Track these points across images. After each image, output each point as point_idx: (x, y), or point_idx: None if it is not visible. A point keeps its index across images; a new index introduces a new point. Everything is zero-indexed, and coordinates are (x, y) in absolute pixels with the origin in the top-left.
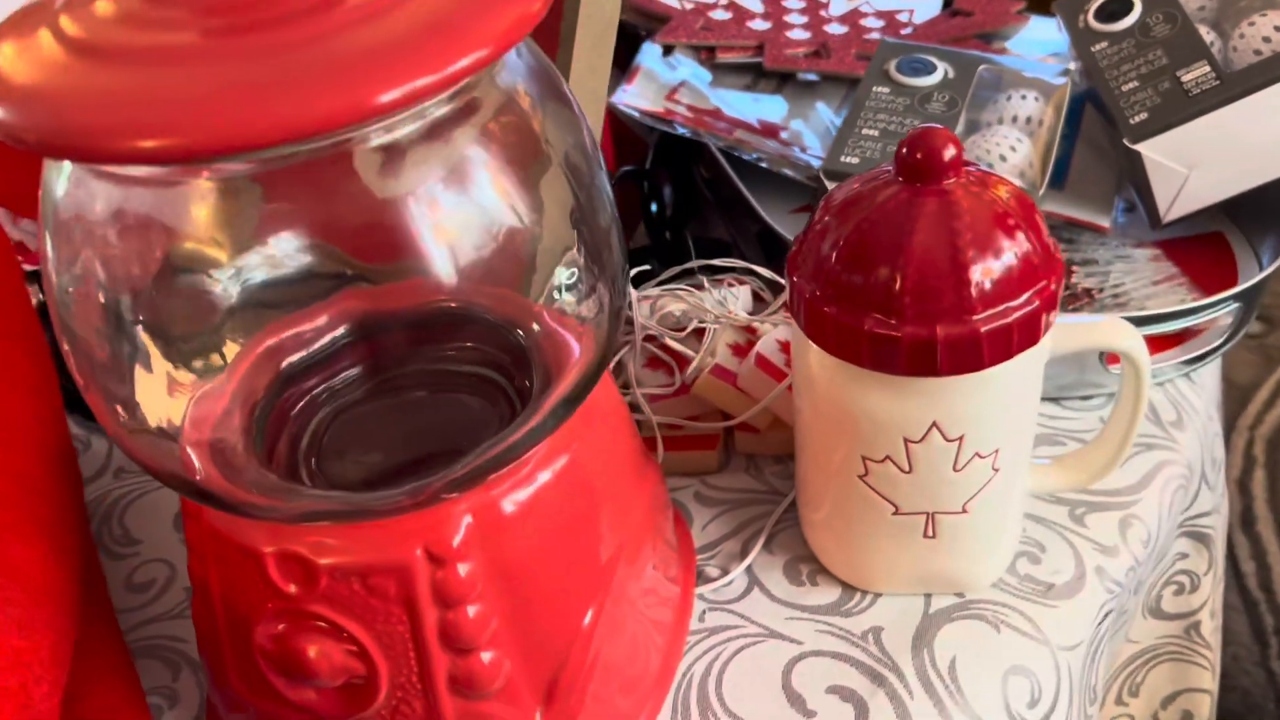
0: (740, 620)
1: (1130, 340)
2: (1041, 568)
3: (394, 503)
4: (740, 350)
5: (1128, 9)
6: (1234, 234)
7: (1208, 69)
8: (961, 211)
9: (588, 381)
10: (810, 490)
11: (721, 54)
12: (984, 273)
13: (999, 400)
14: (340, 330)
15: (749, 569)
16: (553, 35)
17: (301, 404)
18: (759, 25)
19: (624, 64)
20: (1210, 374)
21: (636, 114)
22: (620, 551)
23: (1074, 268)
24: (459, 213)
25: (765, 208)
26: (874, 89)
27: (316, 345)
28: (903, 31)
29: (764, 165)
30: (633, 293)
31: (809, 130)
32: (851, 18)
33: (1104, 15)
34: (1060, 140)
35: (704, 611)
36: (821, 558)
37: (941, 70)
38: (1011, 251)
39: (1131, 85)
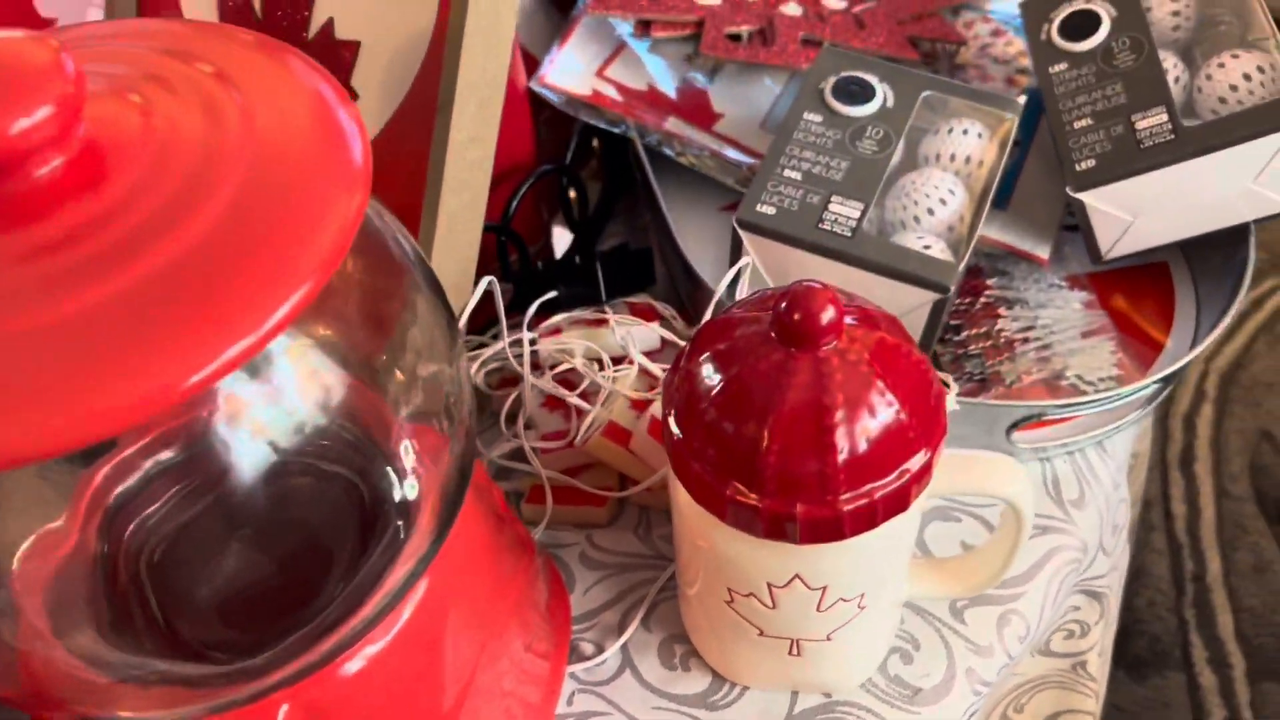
0: (608, 707)
1: (1013, 487)
2: (913, 669)
3: (215, 686)
4: (641, 404)
5: (1095, 26)
6: (1179, 265)
7: (1164, 118)
8: (834, 385)
9: (427, 557)
10: (684, 574)
11: (656, 30)
12: (851, 453)
13: (863, 558)
14: (169, 454)
15: (623, 647)
16: (431, 103)
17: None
18: (709, 2)
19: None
20: (1124, 438)
21: (556, 99)
22: (482, 651)
23: (1001, 311)
24: (274, 407)
25: (694, 201)
26: (805, 116)
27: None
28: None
29: (694, 168)
30: (525, 334)
31: (747, 118)
32: None
33: (1069, 30)
34: (1011, 147)
35: (573, 693)
36: (694, 638)
37: (881, 96)
38: (884, 428)
39: (1084, 123)
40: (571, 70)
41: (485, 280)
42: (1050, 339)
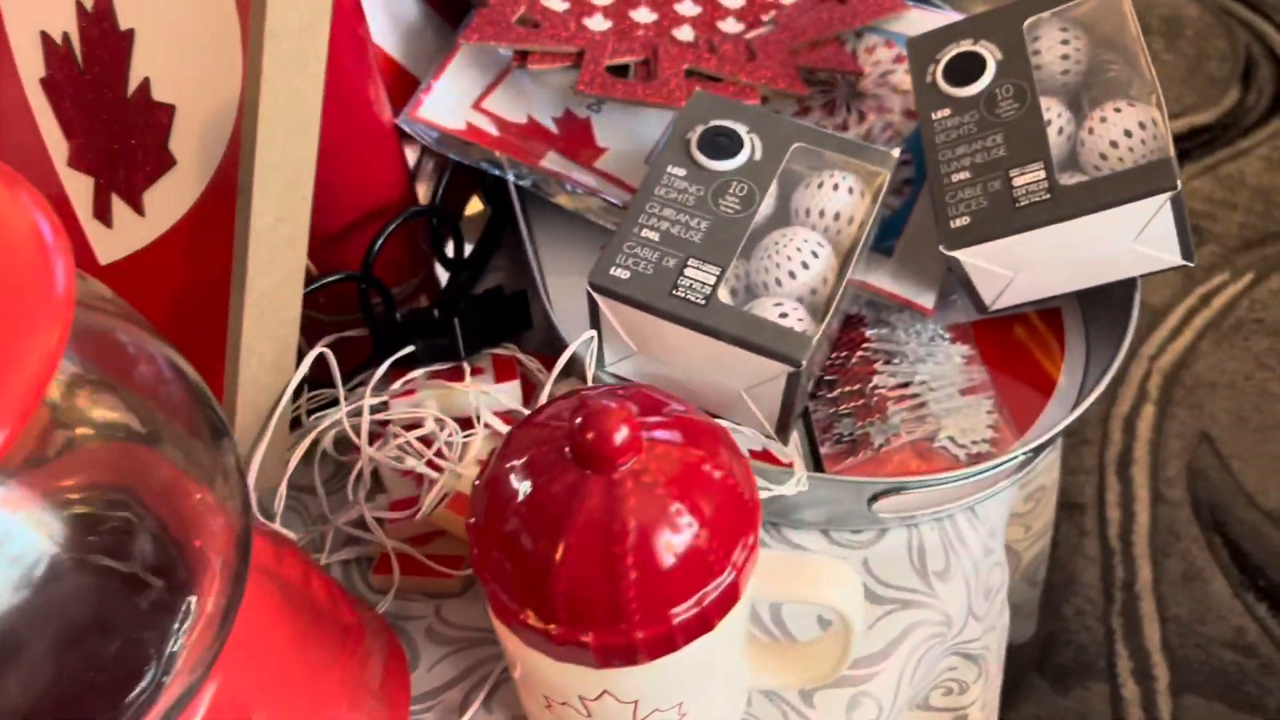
0: None
1: (839, 593)
2: None
3: None
4: None
5: (979, 70)
6: (1071, 310)
7: (1041, 175)
8: (626, 510)
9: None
10: (510, 669)
11: (534, 62)
12: (645, 580)
13: (671, 674)
14: None
15: None
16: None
17: None
18: (597, 21)
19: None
20: (999, 501)
21: (428, 136)
22: None
23: (877, 366)
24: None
25: (576, 240)
26: (668, 169)
27: None
28: (763, 18)
29: (567, 209)
30: (367, 400)
31: (631, 153)
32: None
33: (953, 73)
34: (901, 186)
35: None
36: None
37: (748, 148)
38: (682, 552)
39: (963, 175)
40: (446, 103)
41: (314, 352)
42: (927, 396)
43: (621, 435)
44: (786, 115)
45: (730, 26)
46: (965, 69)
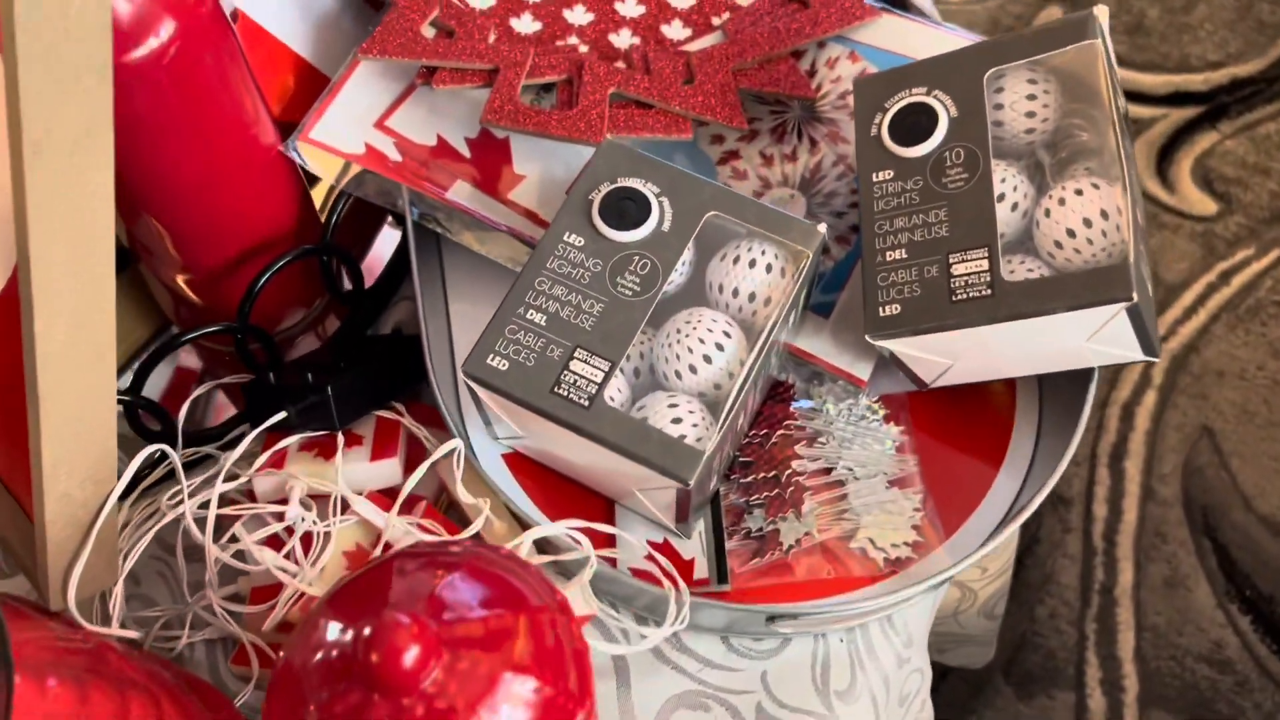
0: None
1: None
2: None
3: None
4: (359, 556)
5: (930, 127)
6: (1025, 383)
7: (984, 265)
8: None
9: None
10: None
11: (440, 82)
12: None
13: None
14: None
15: None
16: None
17: None
18: (525, 22)
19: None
20: (918, 610)
21: (319, 163)
22: None
23: (799, 449)
24: None
25: (482, 279)
26: (564, 237)
27: None
28: (715, 21)
29: (476, 250)
30: (216, 489)
31: (552, 181)
32: None
33: (902, 129)
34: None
35: None
36: None
37: (656, 216)
38: None
39: (898, 255)
40: (345, 121)
41: (136, 461)
42: (850, 486)
43: (411, 655)
44: (714, 155)
45: (675, 32)
46: (914, 124)
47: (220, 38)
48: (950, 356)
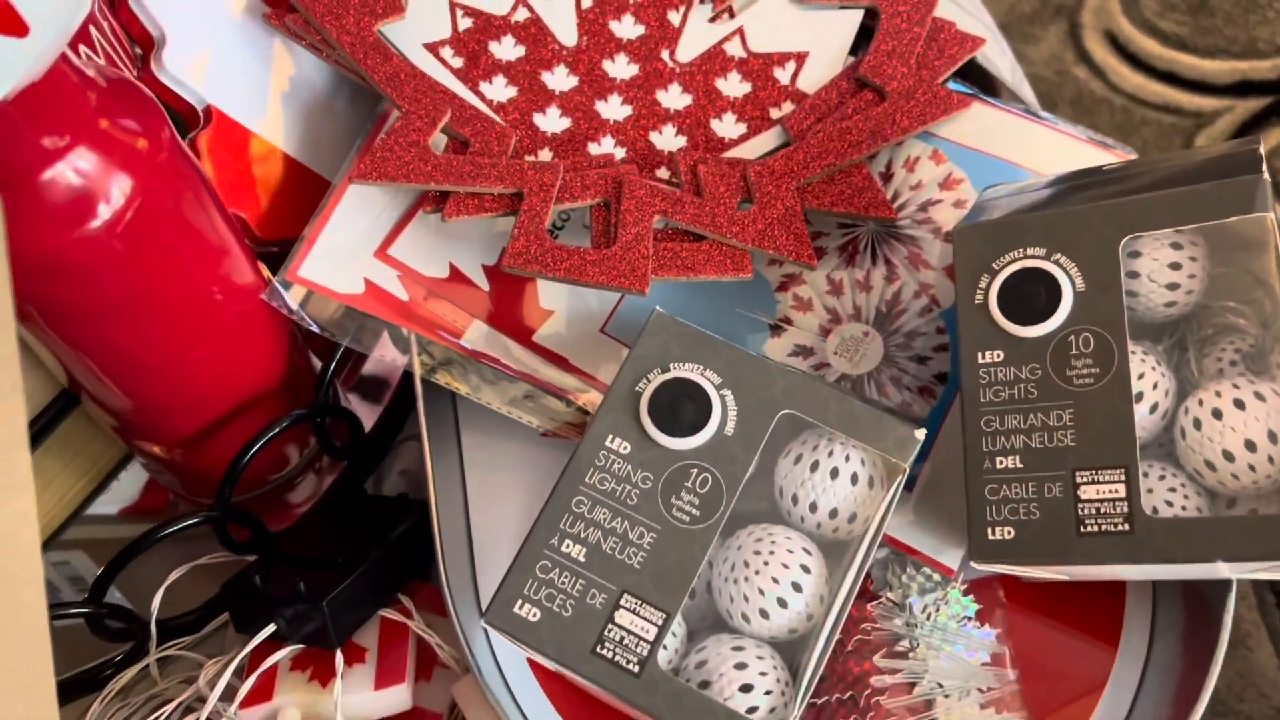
0: None
1: None
2: None
3: None
4: None
5: (1052, 302)
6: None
7: (1120, 492)
8: None
9: None
10: None
11: (451, 212)
12: None
13: None
14: None
15: None
16: None
17: None
18: (551, 119)
19: None
20: None
21: (298, 313)
22: None
23: (875, 661)
24: None
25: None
26: (608, 440)
27: None
28: (773, 113)
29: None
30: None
31: (584, 317)
32: (704, 71)
33: (1015, 301)
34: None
35: None
36: None
37: (718, 414)
38: None
39: (1010, 462)
40: (338, 254)
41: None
42: (939, 708)
43: None
44: (773, 279)
45: (727, 128)
46: (1032, 295)
47: (183, 183)
48: (1066, 574)
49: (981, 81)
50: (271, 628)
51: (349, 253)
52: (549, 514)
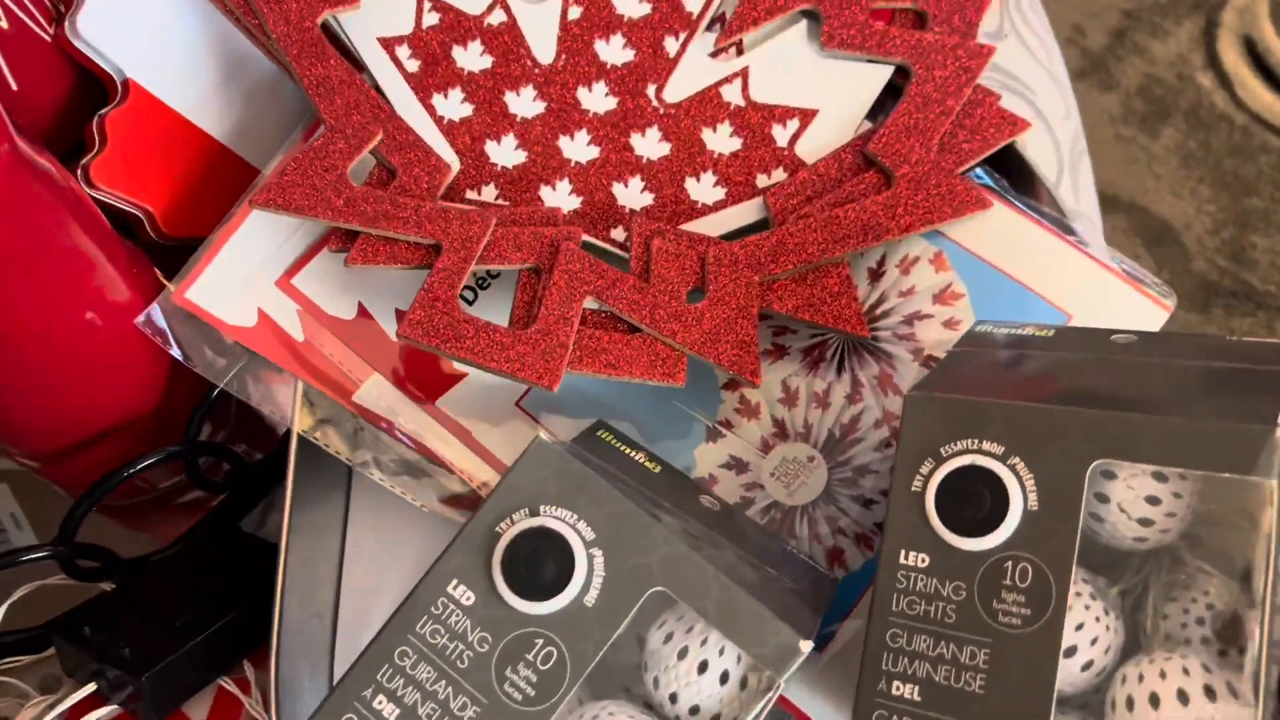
0: None
1: None
2: None
3: None
4: None
5: (997, 514)
6: None
7: None
8: None
9: None
10: None
11: (356, 258)
12: None
13: None
14: None
15: None
16: None
17: None
18: (505, 151)
19: None
20: None
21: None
22: None
23: None
24: None
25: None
26: (450, 586)
27: None
28: (756, 181)
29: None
30: None
31: (488, 388)
32: (692, 116)
33: (955, 501)
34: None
35: None
36: None
37: (581, 578)
38: None
39: (907, 691)
40: (233, 280)
41: None
42: None
43: None
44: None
45: (704, 191)
46: (973, 499)
47: (30, 202)
48: None
49: (1017, 173)
50: (92, 687)
51: (247, 277)
52: (367, 661)
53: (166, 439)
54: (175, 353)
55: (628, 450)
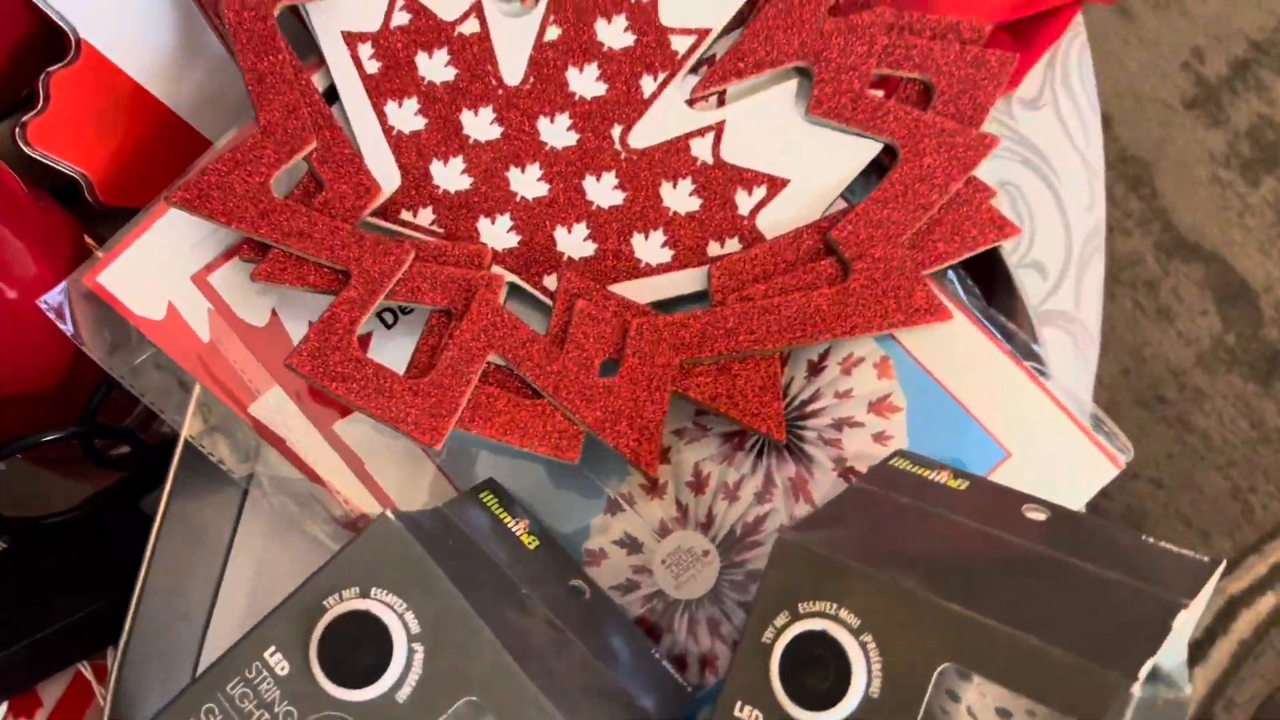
0: None
1: None
2: None
3: None
4: None
5: (838, 691)
6: None
7: None
8: None
9: None
10: None
11: (264, 274)
12: None
13: None
14: None
15: None
16: None
17: None
18: (453, 174)
19: None
20: None
21: (68, 330)
22: None
23: None
24: None
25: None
26: (267, 653)
27: None
28: (711, 249)
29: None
30: None
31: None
32: (652, 168)
33: (799, 666)
34: None
35: None
36: None
37: (396, 672)
38: None
39: None
40: (149, 269)
41: None
42: None
43: None
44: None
45: (650, 250)
46: (818, 670)
47: None
48: None
49: (993, 282)
50: None
51: (162, 268)
52: (172, 713)
53: (72, 412)
54: (69, 333)
55: (507, 519)
